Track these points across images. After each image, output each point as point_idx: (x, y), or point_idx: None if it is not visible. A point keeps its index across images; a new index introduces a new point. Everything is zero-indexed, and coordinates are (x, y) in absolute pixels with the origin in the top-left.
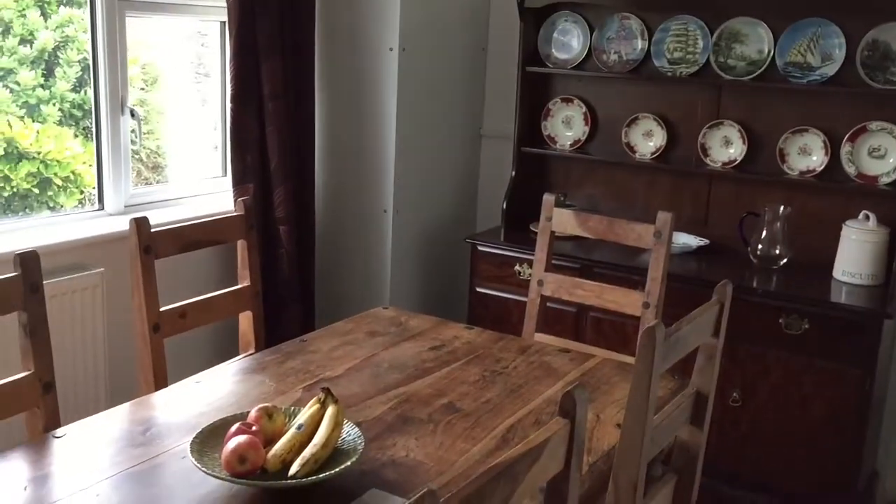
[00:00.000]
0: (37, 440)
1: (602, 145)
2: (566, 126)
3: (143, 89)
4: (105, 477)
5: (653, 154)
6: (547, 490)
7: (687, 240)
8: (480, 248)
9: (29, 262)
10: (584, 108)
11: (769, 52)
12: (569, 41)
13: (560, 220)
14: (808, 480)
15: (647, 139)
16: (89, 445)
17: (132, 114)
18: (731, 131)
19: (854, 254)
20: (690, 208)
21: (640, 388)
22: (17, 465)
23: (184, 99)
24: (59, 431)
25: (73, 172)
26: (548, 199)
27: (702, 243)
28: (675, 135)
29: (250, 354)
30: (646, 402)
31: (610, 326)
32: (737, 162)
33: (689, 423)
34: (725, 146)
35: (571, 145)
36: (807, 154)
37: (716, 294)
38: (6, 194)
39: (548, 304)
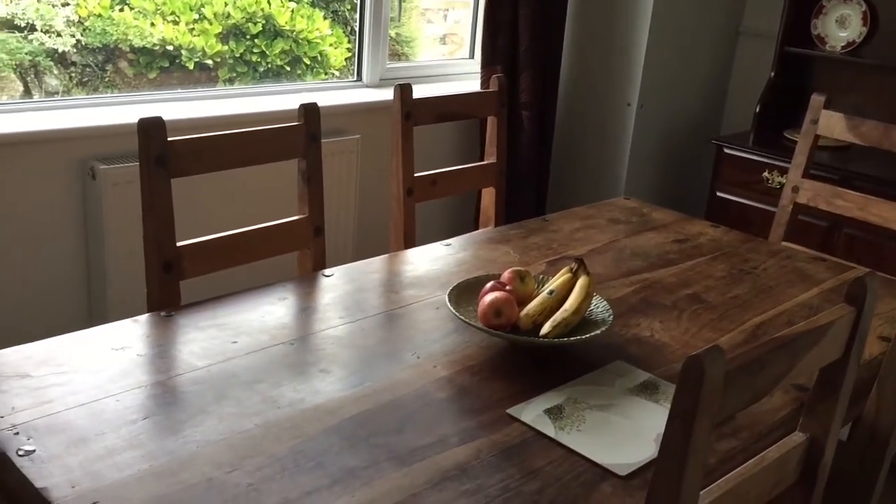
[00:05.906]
0: (307, 277)
1: (880, 48)
2: (840, 26)
3: None
4: (369, 315)
5: None
6: (820, 376)
7: None
8: (727, 150)
9: (311, 113)
10: (863, 7)
11: None
12: None
13: (828, 123)
14: None
15: None
16: (353, 286)
17: None
18: None
19: None
20: None
21: None
22: (293, 295)
23: None
24: (327, 271)
25: (320, 53)
26: (816, 99)
27: None
28: None
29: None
30: None
31: (865, 245)
32: None
33: None
34: None
35: (843, 47)
36: None
37: None
38: (261, 69)
39: (798, 216)
